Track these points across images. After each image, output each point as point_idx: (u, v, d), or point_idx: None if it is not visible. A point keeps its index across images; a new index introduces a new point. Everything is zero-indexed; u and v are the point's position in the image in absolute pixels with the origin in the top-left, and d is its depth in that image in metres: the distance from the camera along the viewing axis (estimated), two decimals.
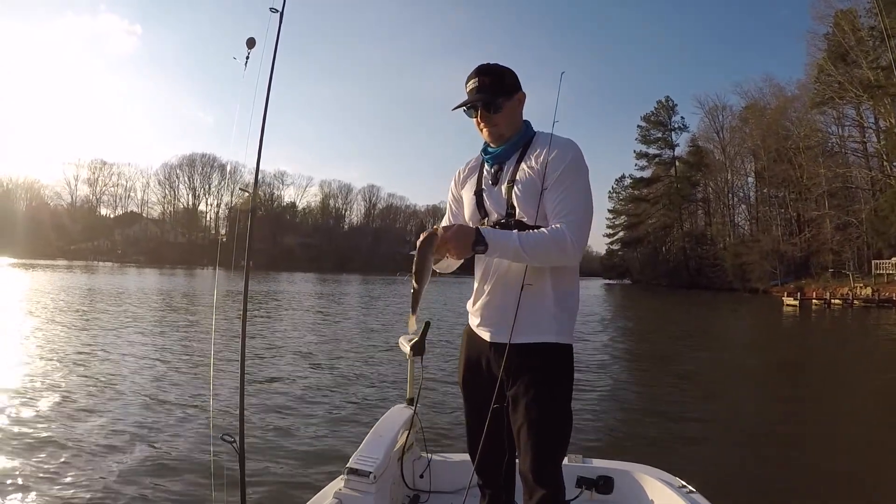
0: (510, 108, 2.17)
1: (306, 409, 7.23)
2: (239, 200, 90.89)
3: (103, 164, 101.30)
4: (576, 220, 2.01)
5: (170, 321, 16.55)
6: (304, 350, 12.16)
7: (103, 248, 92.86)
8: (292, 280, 52.77)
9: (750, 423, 7.59)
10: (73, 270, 50.81)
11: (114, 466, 4.95)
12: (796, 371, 12.81)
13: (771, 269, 58.57)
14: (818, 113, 58.73)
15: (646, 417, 7.68)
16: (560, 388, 2.12)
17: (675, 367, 12.50)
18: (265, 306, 23.43)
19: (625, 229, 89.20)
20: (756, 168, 70.19)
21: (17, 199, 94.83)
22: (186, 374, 9.02)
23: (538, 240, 1.96)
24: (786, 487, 5.20)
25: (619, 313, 30.43)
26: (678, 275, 74.58)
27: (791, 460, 5.95)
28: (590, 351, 13.57)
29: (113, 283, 34.62)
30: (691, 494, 2.70)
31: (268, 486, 4.62)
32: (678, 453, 6.05)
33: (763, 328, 25.43)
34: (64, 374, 8.74)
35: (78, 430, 5.96)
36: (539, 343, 2.08)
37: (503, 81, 2.16)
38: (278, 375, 9.25)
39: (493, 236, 1.96)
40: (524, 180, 2.11)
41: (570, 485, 2.68)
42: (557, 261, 2.05)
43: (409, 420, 2.90)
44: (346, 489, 2.41)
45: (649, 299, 47.34)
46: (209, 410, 6.46)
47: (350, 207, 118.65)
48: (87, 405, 6.95)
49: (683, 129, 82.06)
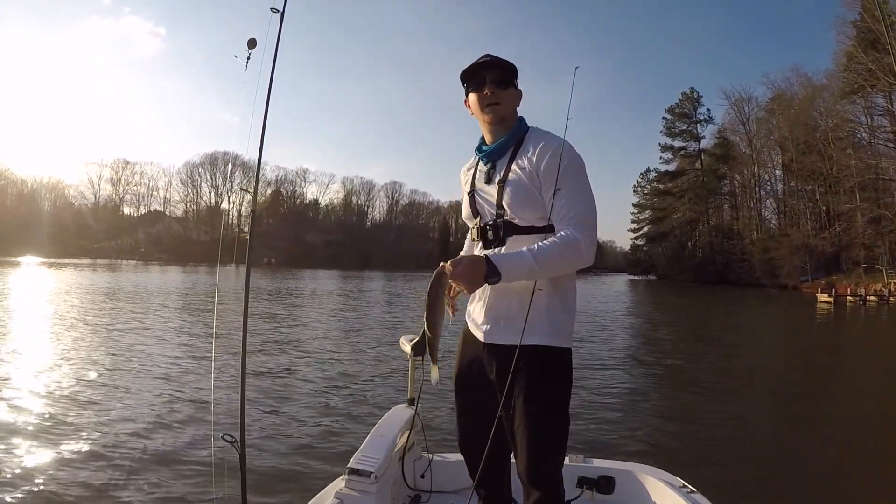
0: (513, 95, 2.16)
1: (308, 408, 7.21)
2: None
3: (126, 163, 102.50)
4: (584, 221, 1.97)
5: (187, 319, 16.45)
6: (311, 349, 12.10)
7: (126, 247, 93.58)
8: (315, 277, 52.86)
9: (760, 425, 7.45)
10: (97, 269, 51.32)
11: (115, 464, 4.95)
12: (826, 373, 12.14)
13: (801, 265, 57.10)
14: (848, 103, 57.04)
15: (649, 417, 7.57)
16: (556, 390, 2.09)
17: (692, 366, 12.11)
18: (284, 304, 23.20)
19: (650, 224, 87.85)
20: (784, 160, 68.64)
21: (42, 199, 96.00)
22: (194, 373, 9.00)
23: (552, 251, 1.91)
24: (789, 489, 5.17)
25: (641, 310, 29.84)
26: (705, 270, 73.19)
27: (796, 463, 5.86)
28: (602, 348, 13.43)
29: (136, 281, 34.69)
30: (692, 494, 2.68)
31: (269, 485, 4.62)
32: (680, 453, 6.04)
33: (798, 327, 24.42)
34: (72, 369, 8.79)
35: (79, 427, 5.96)
36: (534, 345, 2.02)
37: (510, 68, 2.15)
38: (281, 374, 9.23)
39: (505, 263, 1.89)
40: (515, 181, 2.07)
41: (570, 485, 2.73)
42: (574, 266, 2.02)
43: (410, 420, 2.89)
44: (347, 489, 2.39)
45: (675, 296, 46.28)
46: (210, 410, 6.44)
47: (372, 204, 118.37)
48: (91, 402, 6.99)
49: (709, 120, 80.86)
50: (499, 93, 2.11)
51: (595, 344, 14.23)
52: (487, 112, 2.13)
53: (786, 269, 57.96)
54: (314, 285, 39.57)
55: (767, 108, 71.52)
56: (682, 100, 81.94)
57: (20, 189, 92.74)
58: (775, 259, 59.48)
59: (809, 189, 65.04)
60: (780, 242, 61.08)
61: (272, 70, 2.80)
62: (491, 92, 2.11)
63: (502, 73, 2.12)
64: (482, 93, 2.12)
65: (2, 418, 6.20)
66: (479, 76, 2.12)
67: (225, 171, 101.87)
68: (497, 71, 2.11)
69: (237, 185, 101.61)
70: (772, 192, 73.41)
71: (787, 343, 18.46)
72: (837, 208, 59.40)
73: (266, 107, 2.84)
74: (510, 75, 2.14)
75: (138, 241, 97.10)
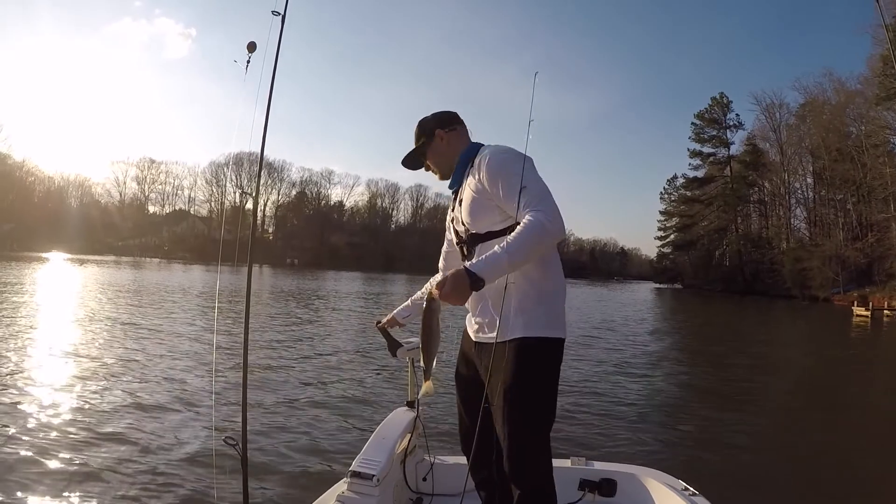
0: (433, 152, 2.49)
1: (309, 411, 7.12)
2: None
3: (151, 162, 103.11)
4: (536, 200, 2.05)
5: (202, 318, 16.21)
6: (318, 350, 11.99)
7: (151, 245, 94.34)
8: (337, 278, 52.80)
9: (771, 435, 7.31)
10: (121, 266, 51.65)
11: (116, 466, 4.85)
12: (858, 390, 11.39)
13: (833, 276, 55.55)
14: (883, 109, 55.43)
15: (653, 421, 7.49)
16: (533, 382, 2.12)
17: (710, 375, 11.75)
18: (300, 304, 23.01)
19: (677, 231, 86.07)
20: (815, 168, 67.08)
21: (69, 196, 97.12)
22: (202, 376, 8.81)
23: (520, 239, 1.98)
24: (791, 492, 5.20)
25: (663, 319, 29.10)
26: (733, 280, 71.52)
27: (805, 473, 5.79)
28: (612, 353, 13.32)
29: (157, 279, 34.59)
30: (694, 497, 2.69)
31: (270, 489, 4.61)
32: (682, 457, 6.01)
33: (837, 340, 23.36)
34: (77, 365, 8.79)
35: (81, 427, 5.84)
36: (512, 339, 2.12)
37: (418, 135, 2.50)
38: (285, 376, 9.10)
39: (482, 267, 1.97)
40: (468, 197, 2.29)
41: (572, 487, 2.84)
42: (546, 243, 2.07)
43: (411, 423, 2.92)
44: (349, 492, 2.38)
45: (701, 305, 45.18)
46: (212, 413, 6.47)
47: (397, 207, 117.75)
48: (95, 403, 6.81)
49: (739, 126, 79.18)
50: (428, 165, 2.54)
51: (608, 347, 14.16)
52: (439, 178, 2.54)
53: (818, 280, 56.31)
54: (336, 286, 39.45)
55: (798, 114, 70.01)
56: (711, 105, 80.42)
57: (48, 186, 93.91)
58: (807, 269, 57.84)
59: (840, 198, 63.42)
60: (811, 252, 59.47)
61: (273, 73, 2.85)
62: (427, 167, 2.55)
63: (412, 157, 2.55)
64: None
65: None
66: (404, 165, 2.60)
67: (250, 172, 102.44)
68: (407, 161, 2.57)
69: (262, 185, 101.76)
70: (802, 200, 71.85)
71: (825, 357, 17.25)
72: (871, 217, 57.81)
73: (267, 111, 2.91)
74: (420, 147, 2.50)
75: (163, 239, 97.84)
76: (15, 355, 9.11)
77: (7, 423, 5.80)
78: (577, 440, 6.22)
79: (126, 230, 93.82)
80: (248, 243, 3.19)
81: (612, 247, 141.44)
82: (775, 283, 63.51)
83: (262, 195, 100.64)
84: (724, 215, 77.34)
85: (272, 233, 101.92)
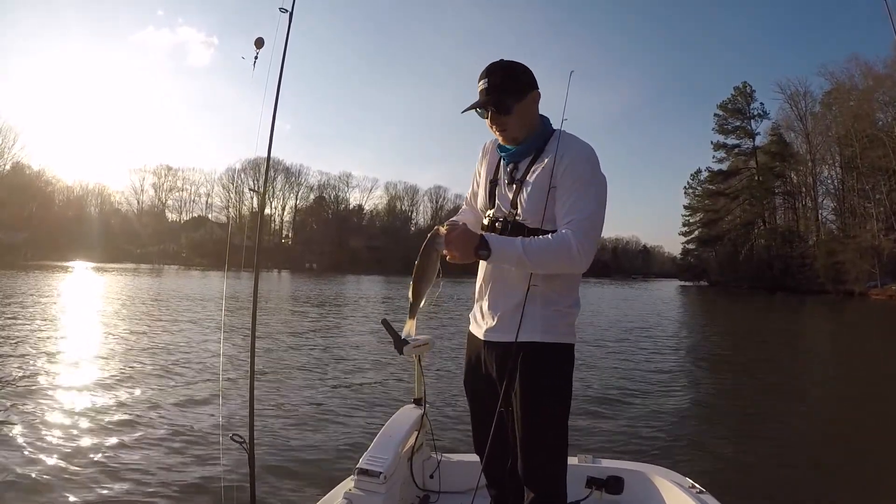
0: (522, 109, 2.12)
1: (316, 408, 7.25)
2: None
3: (168, 169, 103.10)
4: (584, 227, 1.96)
5: (215, 322, 16.45)
6: (327, 349, 12.21)
7: (170, 252, 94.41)
8: (357, 282, 52.62)
9: (785, 436, 7.06)
10: (140, 273, 51.92)
11: (122, 463, 4.97)
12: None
13: (870, 269, 53.45)
14: None
15: (661, 419, 7.45)
16: (551, 387, 2.09)
17: (731, 375, 11.44)
18: (316, 307, 23.00)
19: (701, 227, 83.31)
20: (844, 156, 64.98)
21: (89, 205, 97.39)
22: (211, 372, 9.08)
23: (542, 246, 1.93)
24: (797, 490, 5.16)
25: (688, 317, 28.35)
26: (762, 276, 68.50)
27: (814, 472, 5.72)
28: (624, 353, 13.28)
29: (176, 286, 34.50)
30: (701, 495, 2.67)
31: (277, 486, 4.66)
32: (689, 454, 6.00)
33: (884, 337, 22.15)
34: (94, 368, 9.09)
35: (87, 425, 6.04)
36: (529, 342, 2.06)
37: (514, 80, 2.11)
38: (292, 374, 9.31)
39: (496, 242, 1.94)
40: (533, 183, 2.09)
41: (580, 485, 2.78)
42: (563, 268, 2.01)
43: (418, 420, 2.88)
44: (356, 489, 2.37)
45: (730, 303, 43.34)
46: (219, 410, 6.52)
47: (416, 209, 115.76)
48: (101, 402, 7.05)
49: (763, 115, 76.71)
50: (503, 120, 2.11)
51: (624, 347, 14.17)
52: (498, 135, 2.18)
53: (853, 273, 53.95)
54: (354, 290, 39.16)
55: (824, 101, 67.79)
56: (734, 95, 77.98)
57: (67, 196, 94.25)
58: (841, 263, 55.57)
59: (870, 187, 61.24)
60: (845, 245, 57.17)
61: (280, 70, 2.84)
62: (494, 122, 2.13)
63: (503, 98, 2.08)
64: (487, 120, 2.15)
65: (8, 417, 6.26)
66: (481, 104, 2.10)
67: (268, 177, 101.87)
68: (495, 96, 2.08)
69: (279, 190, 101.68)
70: (831, 190, 69.64)
71: (863, 357, 15.81)
72: None
73: (274, 107, 2.91)
74: (514, 93, 2.09)
75: (181, 245, 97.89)
76: (42, 360, 9.51)
77: (20, 420, 6.08)
78: (585, 437, 6.22)
79: (146, 237, 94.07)
80: (262, 249, 3.20)
81: (635, 244, 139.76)
82: (806, 278, 61.24)
83: (280, 200, 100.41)
84: (751, 209, 75.13)
85: (291, 237, 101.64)
